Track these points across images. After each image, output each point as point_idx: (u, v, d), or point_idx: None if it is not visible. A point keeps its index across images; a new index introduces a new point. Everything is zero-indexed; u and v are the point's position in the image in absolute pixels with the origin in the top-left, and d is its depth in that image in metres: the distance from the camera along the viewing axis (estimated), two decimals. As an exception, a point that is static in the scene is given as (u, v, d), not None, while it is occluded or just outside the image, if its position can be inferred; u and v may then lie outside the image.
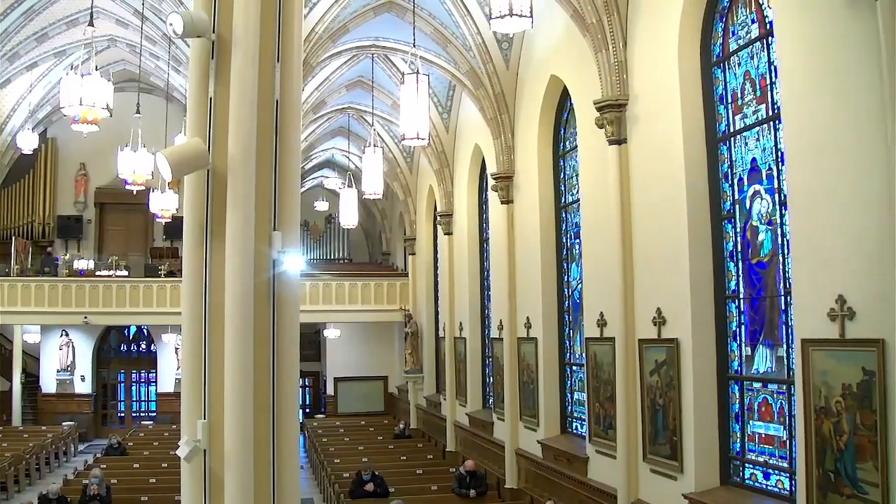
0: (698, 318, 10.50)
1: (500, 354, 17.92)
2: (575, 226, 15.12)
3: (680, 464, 10.60)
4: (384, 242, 34.31)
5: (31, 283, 24.61)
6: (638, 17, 11.81)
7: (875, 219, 7.24)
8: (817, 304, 8.01)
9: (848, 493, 7.60)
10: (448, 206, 22.51)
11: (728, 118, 10.52)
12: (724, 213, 10.57)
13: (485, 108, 17.35)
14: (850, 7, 7.55)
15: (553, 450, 15.03)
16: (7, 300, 24.15)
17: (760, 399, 9.86)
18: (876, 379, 7.28)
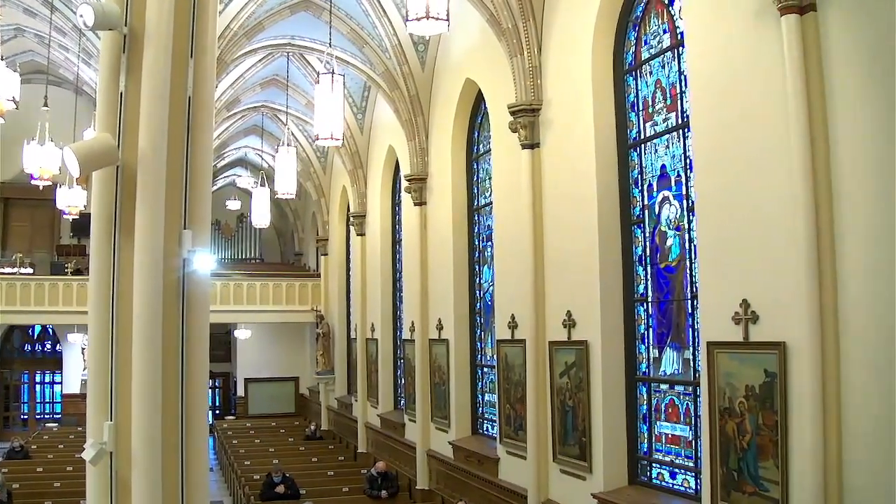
0: (607, 320, 10.64)
1: (411, 356, 17.87)
2: (487, 228, 15.18)
3: (589, 464, 10.72)
4: (296, 243, 33.96)
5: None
6: (553, 24, 11.92)
7: (778, 225, 7.44)
8: (722, 308, 8.19)
9: (750, 491, 7.79)
10: (361, 207, 22.38)
11: (639, 125, 10.69)
12: (633, 218, 10.73)
13: (400, 110, 17.30)
14: (757, 21, 7.76)
15: (464, 451, 15.05)
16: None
17: (667, 400, 10.04)
18: (777, 380, 7.48)
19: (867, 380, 6.66)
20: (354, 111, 21.36)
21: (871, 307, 6.63)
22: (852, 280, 6.80)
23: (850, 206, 6.83)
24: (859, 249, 6.74)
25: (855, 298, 6.78)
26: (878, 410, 6.55)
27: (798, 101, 7.10)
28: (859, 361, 6.73)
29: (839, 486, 6.85)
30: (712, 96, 8.54)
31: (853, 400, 6.78)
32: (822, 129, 7.03)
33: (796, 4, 7.18)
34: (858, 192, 6.76)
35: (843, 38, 6.93)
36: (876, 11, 6.64)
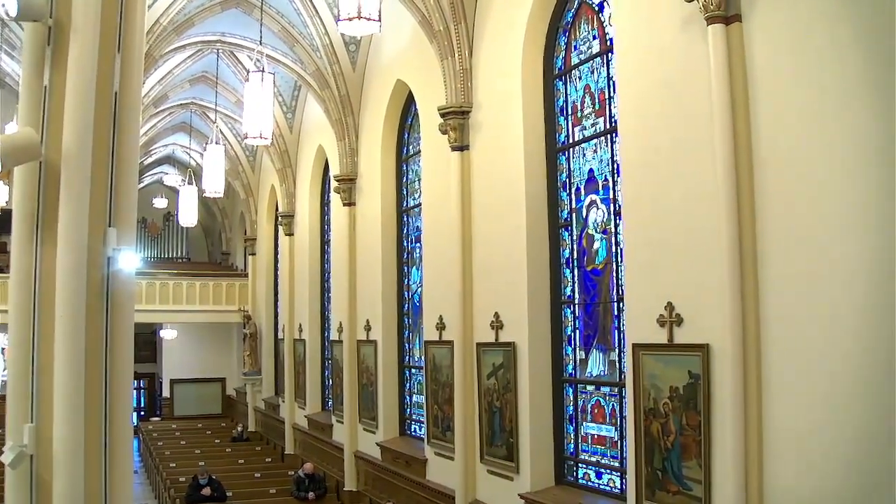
0: (535, 322, 10.69)
1: (339, 356, 17.75)
2: (416, 230, 15.15)
3: (516, 464, 10.76)
4: (224, 242, 33.47)
5: None
6: (484, 27, 11.95)
7: (703, 230, 7.55)
8: (648, 311, 8.29)
9: (674, 490, 7.89)
10: (290, 206, 22.16)
11: (567, 129, 10.77)
12: (561, 221, 10.80)
13: (330, 110, 17.17)
14: (684, 30, 7.87)
15: (392, 452, 14.99)
16: None
17: (593, 401, 10.13)
18: (701, 382, 7.59)
19: (787, 381, 6.79)
20: (284, 110, 21.15)
21: (792, 310, 6.77)
22: (773, 284, 6.94)
23: (773, 212, 6.96)
24: (781, 254, 6.88)
25: (776, 301, 6.91)
26: (797, 410, 6.69)
27: (723, 109, 7.22)
28: (780, 363, 6.86)
29: (760, 484, 6.97)
30: (640, 102, 8.64)
31: (774, 400, 6.91)
32: (746, 137, 7.16)
33: (722, 15, 7.30)
34: (780, 197, 6.90)
35: (767, 48, 7.07)
36: (797, 23, 6.79)
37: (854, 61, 6.28)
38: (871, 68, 6.14)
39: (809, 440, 6.56)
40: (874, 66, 6.10)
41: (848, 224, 6.28)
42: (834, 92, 6.44)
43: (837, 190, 6.38)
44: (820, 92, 6.57)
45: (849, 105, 6.31)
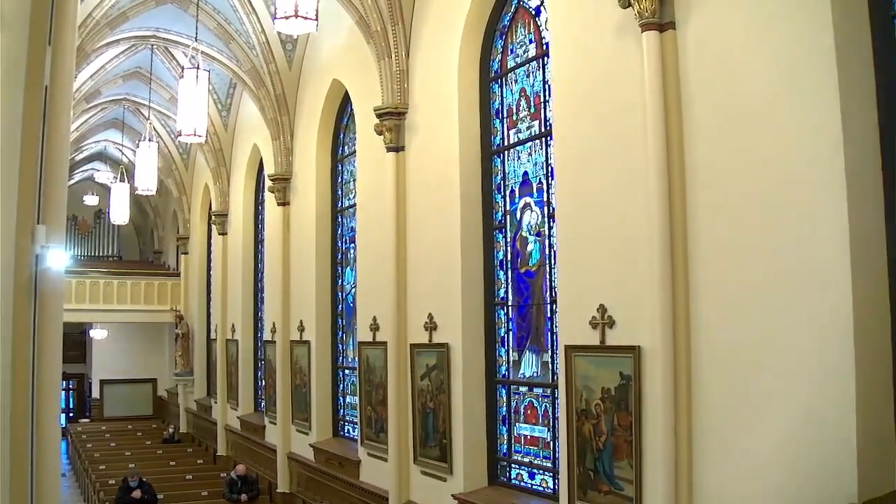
0: (468, 324, 10.66)
1: (272, 357, 17.55)
2: (351, 230, 15.03)
3: (449, 465, 10.72)
4: (156, 241, 32.92)
5: None
6: (422, 29, 11.89)
7: (635, 233, 7.59)
8: (580, 313, 8.31)
9: (606, 490, 7.92)
10: (223, 205, 21.85)
11: (503, 132, 10.77)
12: (495, 223, 10.79)
13: (265, 108, 16.93)
14: (619, 36, 7.91)
15: (325, 453, 14.85)
16: None
17: (526, 402, 10.14)
18: (632, 383, 7.63)
19: (716, 382, 6.86)
20: (219, 108, 20.86)
21: (721, 312, 6.84)
22: (703, 286, 7.00)
23: (704, 216, 7.03)
24: (711, 257, 6.95)
25: (706, 304, 6.98)
26: (726, 411, 6.76)
27: (656, 115, 7.27)
28: (709, 364, 6.93)
29: (690, 483, 7.03)
30: (575, 106, 8.66)
31: (703, 401, 6.97)
32: (679, 143, 7.22)
33: (657, 22, 7.35)
34: (711, 202, 6.97)
35: (700, 55, 7.14)
36: (730, 32, 6.87)
37: (786, 70, 6.36)
38: (802, 76, 6.22)
39: (738, 440, 6.64)
40: (805, 74, 6.19)
41: (776, 229, 6.36)
42: (765, 99, 6.53)
43: (766, 196, 6.46)
44: (750, 99, 6.65)
45: (779, 113, 6.39)
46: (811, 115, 6.09)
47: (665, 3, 7.37)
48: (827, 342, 5.91)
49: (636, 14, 7.46)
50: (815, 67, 6.07)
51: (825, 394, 5.91)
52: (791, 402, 6.18)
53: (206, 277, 25.23)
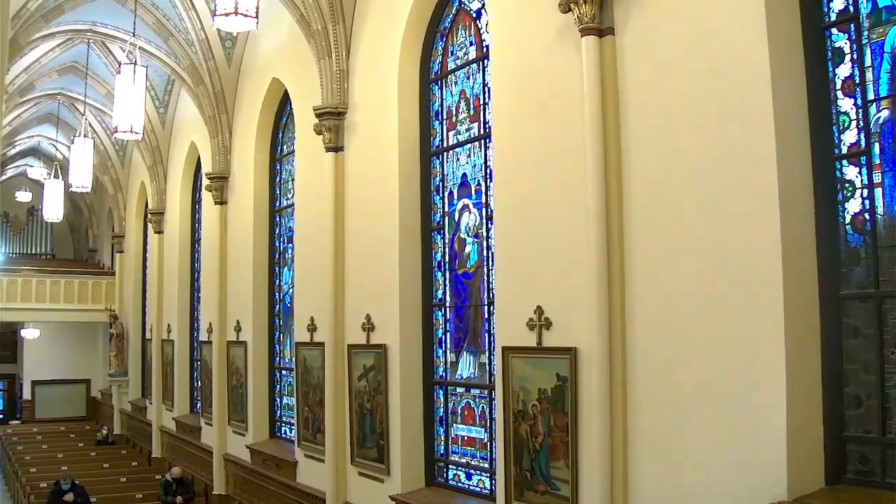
0: (406, 325, 10.61)
1: (208, 358, 17.29)
2: (289, 230, 14.88)
3: (387, 466, 10.67)
4: (91, 239, 32.24)
5: None
6: (363, 29, 11.80)
7: (573, 236, 7.61)
8: (517, 314, 8.32)
9: (542, 490, 7.94)
10: (160, 203, 21.48)
11: (442, 133, 10.74)
12: (434, 224, 10.76)
13: (203, 106, 16.67)
14: (559, 40, 7.93)
15: (262, 454, 14.68)
16: None
17: (463, 403, 10.12)
18: (569, 384, 7.65)
19: (651, 383, 6.92)
20: (157, 105, 20.48)
21: (656, 315, 6.90)
22: (639, 289, 7.05)
23: (640, 219, 7.07)
24: (646, 260, 7.00)
25: (641, 307, 7.03)
26: (661, 411, 6.82)
27: (594, 119, 7.29)
28: (644, 366, 6.98)
29: (625, 483, 7.07)
30: (514, 109, 8.67)
31: (638, 402, 7.02)
32: (616, 147, 7.26)
33: (596, 27, 7.38)
34: (646, 206, 7.02)
35: (638, 61, 7.19)
36: (666, 40, 6.93)
37: (721, 77, 6.43)
38: (736, 84, 6.30)
39: (672, 439, 6.69)
40: (740, 82, 6.27)
41: (711, 234, 6.43)
42: (700, 106, 6.59)
43: (701, 201, 6.52)
44: (686, 105, 6.71)
45: (714, 120, 6.46)
46: (745, 123, 6.17)
47: (604, 8, 7.40)
48: (758, 344, 5.99)
49: (576, 19, 7.47)
50: (749, 76, 6.15)
51: (756, 394, 5.98)
52: (723, 402, 6.25)
53: (142, 276, 24.78)
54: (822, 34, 6.22)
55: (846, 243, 6.02)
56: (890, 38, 5.83)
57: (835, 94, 6.11)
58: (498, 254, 8.88)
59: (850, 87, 6.04)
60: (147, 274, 24.04)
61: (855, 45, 6.03)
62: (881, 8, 5.90)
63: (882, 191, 5.82)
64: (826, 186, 6.09)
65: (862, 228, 5.93)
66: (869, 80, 5.94)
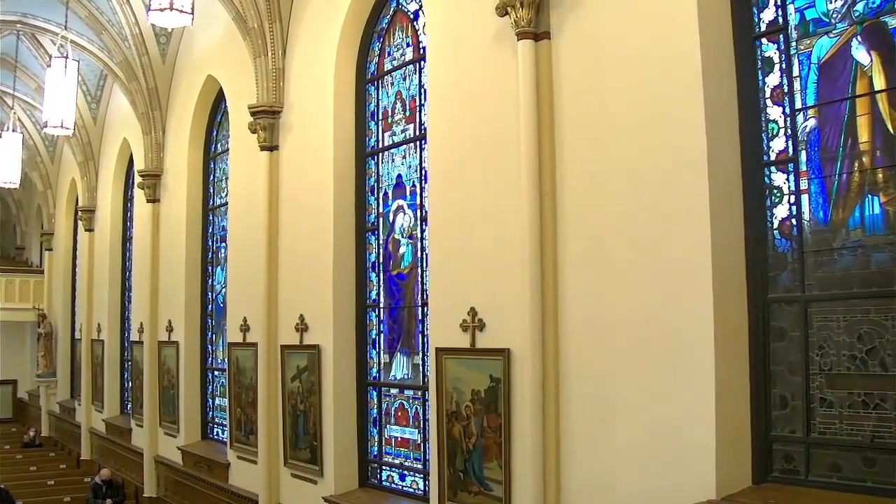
0: (340, 325, 10.51)
1: (139, 358, 16.93)
2: (222, 229, 14.64)
3: (320, 468, 10.55)
4: (19, 236, 31.39)
5: None
6: (299, 27, 11.65)
7: (507, 238, 7.60)
8: (451, 316, 8.28)
9: (475, 491, 7.92)
10: (91, 201, 20.97)
11: (378, 134, 10.65)
12: (368, 225, 10.66)
13: (136, 102, 16.28)
14: (495, 44, 7.91)
15: (194, 456, 14.42)
16: None
17: (397, 404, 10.06)
18: (502, 385, 7.64)
19: (583, 383, 6.93)
20: (88, 100, 19.99)
21: (588, 317, 6.92)
22: (571, 291, 7.07)
23: (573, 222, 7.09)
24: (579, 263, 7.01)
25: (573, 308, 7.04)
26: (592, 412, 6.84)
27: (529, 122, 7.29)
28: (576, 366, 7.00)
29: (557, 483, 7.09)
30: (450, 111, 8.62)
31: (570, 402, 7.04)
32: (550, 151, 7.26)
33: (532, 31, 7.38)
34: (580, 209, 7.04)
35: (572, 66, 7.20)
36: (601, 46, 6.95)
37: (654, 84, 6.47)
38: (669, 92, 6.34)
39: (604, 439, 6.71)
40: (672, 90, 6.31)
41: (642, 239, 6.46)
42: (633, 112, 6.63)
43: (633, 206, 6.55)
44: (619, 111, 6.74)
45: (647, 127, 6.49)
46: (678, 129, 6.21)
47: (541, 13, 7.41)
48: (688, 345, 6.04)
49: (512, 23, 7.47)
50: (681, 83, 6.19)
51: (685, 395, 6.03)
52: (653, 402, 6.29)
53: (72, 275, 24.20)
54: (752, 44, 6.31)
55: (774, 248, 6.12)
56: (817, 50, 5.94)
57: (764, 103, 6.21)
58: (432, 255, 8.84)
59: (778, 95, 6.15)
60: (77, 272, 23.49)
61: (784, 56, 6.13)
62: (809, 20, 6.02)
63: (808, 197, 5.94)
64: (755, 192, 6.18)
65: (789, 233, 6.03)
66: (797, 90, 6.05)
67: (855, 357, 5.63)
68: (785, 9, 6.17)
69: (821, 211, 5.88)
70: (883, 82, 5.55)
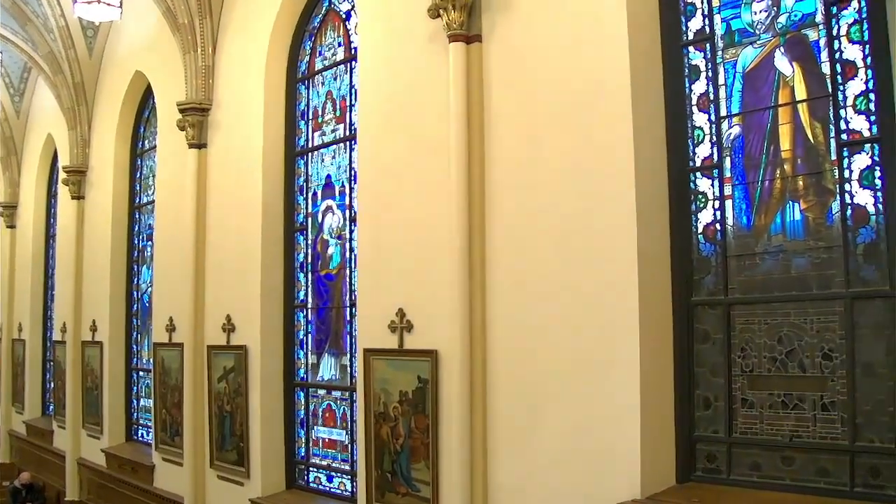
0: (267, 326, 10.33)
1: (62, 358, 16.40)
2: (148, 228, 14.28)
3: (247, 469, 10.35)
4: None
5: None
6: (230, 24, 11.42)
7: (435, 239, 7.55)
8: (379, 317, 8.20)
9: (403, 492, 7.85)
10: (13, 196, 20.26)
11: (307, 134, 10.50)
12: (297, 225, 10.51)
13: (62, 97, 15.77)
14: (427, 46, 7.85)
15: (118, 458, 14.02)
16: None
17: (325, 405, 9.92)
18: (429, 386, 7.60)
19: (510, 385, 6.93)
20: (11, 93, 19.33)
21: (516, 319, 6.91)
22: (499, 293, 7.05)
23: (501, 224, 7.08)
24: (507, 265, 7.00)
25: (502, 310, 7.03)
26: (519, 412, 6.83)
27: (459, 124, 7.25)
28: (504, 368, 6.98)
29: (484, 483, 7.07)
30: (380, 112, 8.53)
31: (498, 403, 7.02)
32: (480, 153, 7.24)
33: (464, 34, 7.35)
34: (508, 211, 7.03)
35: (503, 69, 7.19)
36: (530, 49, 6.96)
37: (583, 88, 6.49)
38: (598, 95, 6.37)
39: (531, 440, 6.71)
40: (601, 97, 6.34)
41: (571, 242, 6.47)
42: (561, 118, 6.64)
43: (562, 209, 6.56)
44: (548, 116, 6.75)
45: (575, 134, 6.51)
46: (605, 134, 6.23)
47: (473, 16, 7.38)
48: (614, 347, 6.06)
49: (444, 25, 7.42)
50: (610, 89, 6.21)
51: (611, 396, 6.05)
52: (580, 403, 6.30)
53: (-8, 272, 23.46)
54: (680, 52, 6.38)
55: (698, 252, 6.19)
56: (742, 59, 6.04)
57: (691, 110, 6.29)
58: (360, 256, 8.74)
59: (704, 103, 6.22)
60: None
61: (710, 64, 6.22)
62: (735, 30, 6.12)
63: (732, 202, 6.03)
64: (681, 197, 6.24)
65: (713, 238, 6.11)
66: (722, 98, 6.14)
67: (775, 359, 5.72)
68: (712, 18, 6.27)
69: (744, 216, 5.97)
70: (804, 92, 5.67)
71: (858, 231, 5.39)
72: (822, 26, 5.60)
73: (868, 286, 5.35)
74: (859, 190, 5.39)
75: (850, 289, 5.40)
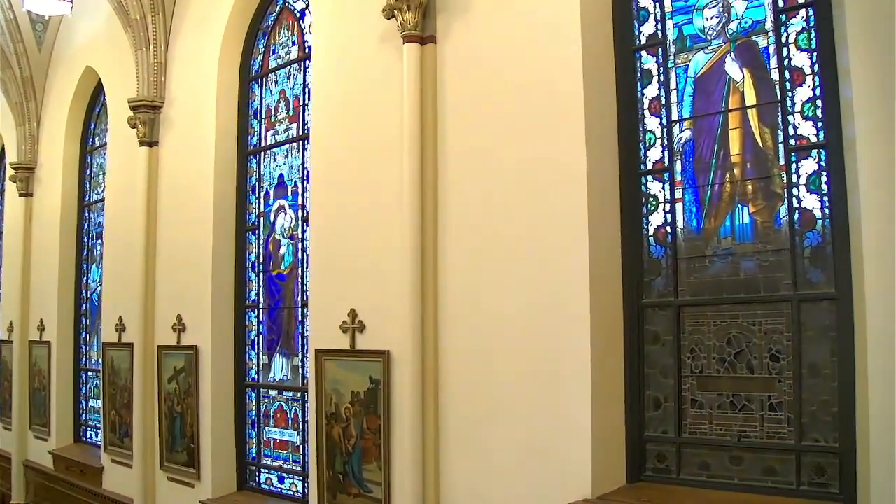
0: (218, 326, 10.16)
1: (8, 358, 16.00)
2: (98, 226, 14.00)
3: (197, 471, 10.17)
4: None
5: None
6: (183, 21, 11.22)
7: (388, 240, 7.49)
8: (331, 317, 8.10)
9: (355, 493, 7.77)
10: (-42, 193, 19.87)
11: (260, 133, 10.36)
12: (248, 224, 10.36)
13: (10, 92, 15.37)
14: (381, 46, 7.77)
15: (65, 460, 13.71)
16: None
17: (276, 406, 9.80)
18: (381, 387, 7.52)
19: (463, 386, 6.89)
20: (-45, 88, 18.90)
21: (467, 320, 6.88)
22: (451, 294, 7.01)
23: (454, 226, 7.04)
24: (459, 267, 6.97)
25: (453, 311, 6.99)
26: (471, 412, 6.81)
27: (413, 125, 7.19)
28: (456, 369, 6.95)
29: (436, 484, 7.03)
30: (334, 112, 8.44)
31: (450, 404, 6.99)
32: (433, 154, 7.19)
33: (419, 35, 7.29)
34: (460, 213, 6.99)
35: (458, 71, 7.15)
36: (485, 51, 6.93)
37: (536, 91, 6.48)
38: (551, 98, 6.36)
39: (483, 440, 6.68)
40: (555, 96, 6.33)
41: (523, 244, 6.46)
42: (514, 123, 6.62)
43: (513, 215, 6.55)
44: (501, 120, 6.73)
45: (528, 140, 6.50)
46: (558, 137, 6.22)
47: (427, 17, 7.32)
48: (565, 348, 6.05)
49: (399, 25, 7.36)
50: (563, 92, 6.20)
51: (563, 396, 6.05)
52: (531, 404, 6.29)
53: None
54: (633, 56, 6.40)
55: (649, 254, 6.21)
56: (694, 64, 6.08)
57: (642, 113, 6.31)
58: (313, 256, 8.64)
59: (656, 107, 6.25)
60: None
61: (662, 69, 6.25)
62: (686, 35, 6.16)
63: (682, 205, 6.06)
64: (632, 200, 6.26)
65: (664, 240, 6.13)
66: (674, 102, 6.17)
67: (724, 360, 5.77)
68: (664, 24, 6.30)
69: (694, 219, 6.01)
70: (754, 97, 5.73)
71: (805, 235, 5.45)
72: (771, 33, 5.67)
73: (814, 289, 5.41)
74: (807, 194, 5.46)
75: (798, 291, 5.46)
